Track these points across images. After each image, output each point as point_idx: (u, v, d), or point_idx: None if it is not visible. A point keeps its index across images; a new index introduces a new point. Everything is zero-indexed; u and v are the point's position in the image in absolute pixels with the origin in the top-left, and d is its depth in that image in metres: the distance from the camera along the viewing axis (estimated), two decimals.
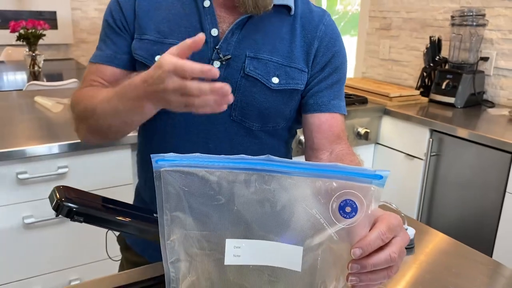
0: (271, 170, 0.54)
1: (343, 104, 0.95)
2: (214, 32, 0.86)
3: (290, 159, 0.55)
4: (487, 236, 1.98)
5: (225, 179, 0.55)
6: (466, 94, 2.41)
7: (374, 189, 0.53)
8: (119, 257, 1.09)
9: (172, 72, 0.62)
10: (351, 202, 0.53)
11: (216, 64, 0.85)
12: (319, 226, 0.54)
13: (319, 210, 0.54)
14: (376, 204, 0.53)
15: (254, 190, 0.55)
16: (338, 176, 0.53)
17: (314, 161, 0.93)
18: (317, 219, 0.54)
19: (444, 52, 2.60)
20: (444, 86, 2.45)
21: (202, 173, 0.55)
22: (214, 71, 0.62)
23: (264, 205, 0.55)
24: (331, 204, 0.53)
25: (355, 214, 0.53)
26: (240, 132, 0.88)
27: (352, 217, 0.53)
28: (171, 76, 0.63)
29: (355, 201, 0.53)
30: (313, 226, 0.54)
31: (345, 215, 0.53)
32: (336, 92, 0.94)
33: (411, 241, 0.98)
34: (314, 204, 0.54)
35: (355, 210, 0.53)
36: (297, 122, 0.97)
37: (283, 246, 0.56)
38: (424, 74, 2.65)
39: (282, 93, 0.89)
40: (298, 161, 0.55)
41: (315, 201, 0.54)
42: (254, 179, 0.54)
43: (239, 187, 0.55)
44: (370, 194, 0.53)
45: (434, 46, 2.61)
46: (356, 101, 2.41)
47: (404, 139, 2.32)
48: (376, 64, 3.12)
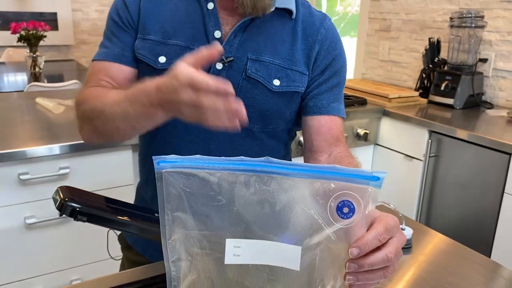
0: (271, 172, 0.55)
1: (342, 107, 0.96)
2: (217, 34, 0.87)
3: (289, 161, 0.56)
4: (485, 236, 1.99)
5: (225, 180, 0.56)
6: (465, 96, 2.42)
7: (371, 190, 0.54)
8: (120, 256, 1.09)
9: (187, 85, 0.61)
10: (348, 203, 0.54)
11: (219, 65, 0.86)
12: (317, 226, 0.55)
13: (317, 210, 0.55)
14: (373, 205, 0.54)
15: (253, 191, 0.56)
16: (336, 178, 0.54)
17: (312, 162, 0.93)
18: (315, 219, 0.55)
19: (443, 54, 2.61)
20: (443, 87, 2.46)
21: (203, 174, 0.56)
22: (230, 89, 0.61)
23: (263, 205, 0.56)
24: (329, 204, 0.54)
25: (352, 214, 0.54)
26: (240, 133, 0.89)
27: (350, 217, 0.54)
28: (186, 89, 0.61)
29: (353, 202, 0.54)
30: (311, 226, 0.55)
31: (342, 215, 0.54)
32: (335, 95, 0.95)
33: (409, 241, 0.99)
34: (312, 205, 0.55)
35: (352, 211, 0.54)
36: (296, 124, 0.98)
37: (282, 245, 0.57)
38: (423, 75, 2.65)
39: (283, 95, 0.90)
40: (297, 162, 0.56)
41: (314, 201, 0.55)
42: (253, 180, 0.55)
43: (239, 188, 0.56)
44: (367, 195, 0.54)
45: (433, 47, 2.62)
46: (356, 102, 2.42)
47: (403, 140, 2.33)
48: (375, 65, 3.13)
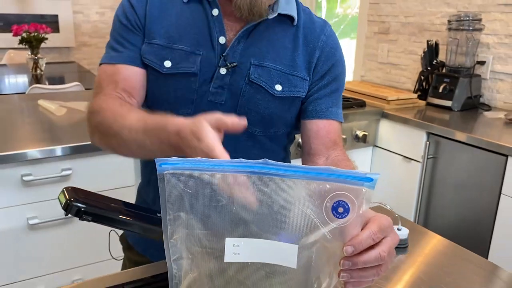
0: (268, 173, 0.57)
1: (341, 112, 0.98)
2: (222, 40, 0.89)
3: (286, 163, 0.58)
4: (483, 237, 2.01)
5: (224, 181, 0.58)
6: (463, 98, 2.44)
7: (365, 191, 0.56)
8: (122, 257, 1.11)
9: (205, 152, 0.63)
10: (343, 203, 0.56)
11: (222, 70, 0.88)
12: (314, 225, 0.57)
13: (313, 210, 0.57)
14: (367, 205, 0.56)
15: (252, 192, 0.58)
16: (331, 179, 0.56)
17: (310, 165, 0.95)
18: (311, 219, 0.57)
19: (442, 56, 2.63)
20: (441, 89, 2.47)
21: (203, 175, 0.57)
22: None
23: (261, 206, 0.58)
24: (324, 205, 0.56)
25: (347, 214, 0.56)
26: (242, 136, 0.90)
27: (345, 217, 0.56)
28: (203, 154, 0.63)
29: (347, 202, 0.56)
30: (307, 226, 0.57)
31: (337, 215, 0.56)
32: (334, 100, 0.97)
33: (405, 241, 1.01)
34: (308, 205, 0.57)
35: (347, 211, 0.56)
36: (295, 128, 1.00)
37: (279, 244, 0.58)
38: (422, 77, 2.67)
39: (284, 100, 0.91)
40: (294, 164, 0.58)
41: (310, 202, 0.57)
42: (252, 182, 0.57)
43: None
44: (361, 195, 0.56)
45: (432, 50, 2.64)
46: (354, 104, 2.44)
47: (402, 142, 2.35)
48: (374, 67, 3.15)
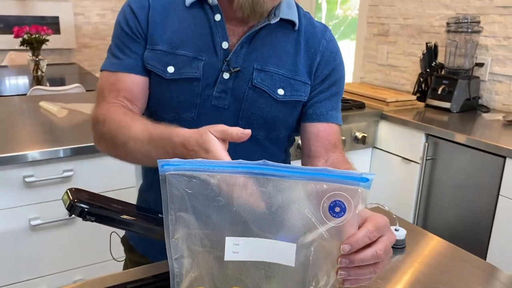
0: (267, 174, 0.59)
1: (340, 115, 1.00)
2: (225, 45, 0.90)
3: (284, 164, 0.59)
4: (481, 238, 2.02)
5: (225, 182, 0.60)
6: (462, 99, 2.45)
7: (361, 190, 0.57)
8: (123, 258, 1.12)
9: None
10: (340, 203, 0.58)
11: (226, 75, 0.89)
12: (311, 225, 0.59)
13: (311, 210, 0.58)
14: (363, 204, 0.58)
15: (253, 192, 0.60)
16: (328, 179, 0.57)
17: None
18: (309, 218, 0.59)
19: (440, 58, 2.65)
20: (440, 91, 2.49)
21: (204, 176, 0.59)
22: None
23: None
24: (321, 204, 0.58)
25: (344, 213, 0.58)
26: (245, 140, 0.93)
27: (341, 216, 0.58)
28: None
29: (344, 201, 0.58)
30: (305, 225, 0.59)
31: (334, 214, 0.58)
32: (334, 103, 0.98)
33: (402, 241, 1.02)
34: (306, 205, 0.58)
35: (344, 210, 0.58)
36: (296, 130, 1.02)
37: (278, 243, 0.60)
38: (421, 79, 2.69)
39: (286, 104, 0.93)
40: (292, 165, 0.59)
41: (307, 202, 0.58)
42: (251, 182, 0.59)
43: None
44: (357, 195, 0.57)
45: (431, 52, 2.65)
46: (354, 106, 2.45)
47: (401, 144, 2.36)
48: (374, 69, 3.17)
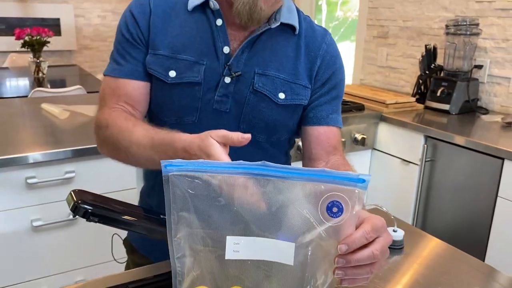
0: (267, 175, 0.60)
1: (340, 118, 1.01)
2: (226, 49, 0.91)
3: (283, 165, 0.61)
4: (480, 239, 2.03)
5: (225, 182, 0.61)
6: (461, 101, 2.47)
7: (358, 191, 0.59)
8: (124, 259, 1.13)
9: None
10: (337, 203, 0.59)
11: (227, 79, 0.90)
12: (310, 224, 0.60)
13: (309, 210, 0.60)
14: (360, 205, 0.60)
15: (253, 192, 0.61)
16: (326, 180, 0.59)
17: None
18: (307, 218, 0.60)
19: (439, 60, 2.66)
20: (439, 93, 2.50)
21: (206, 177, 0.61)
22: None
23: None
24: (319, 205, 0.59)
25: (341, 214, 0.59)
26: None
27: (339, 216, 0.59)
28: None
29: (341, 202, 0.59)
30: (304, 225, 0.61)
31: (332, 214, 0.60)
32: (334, 106, 0.99)
33: (400, 242, 1.03)
34: (305, 205, 0.60)
35: (341, 210, 0.59)
36: (296, 133, 1.03)
37: (277, 242, 0.62)
38: (420, 81, 2.70)
39: (287, 107, 0.94)
40: (291, 166, 0.61)
41: (306, 202, 0.60)
42: (251, 183, 0.61)
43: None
44: (354, 196, 0.59)
45: (430, 54, 2.66)
46: (353, 107, 2.47)
47: (400, 145, 2.38)
48: (374, 71, 3.18)
